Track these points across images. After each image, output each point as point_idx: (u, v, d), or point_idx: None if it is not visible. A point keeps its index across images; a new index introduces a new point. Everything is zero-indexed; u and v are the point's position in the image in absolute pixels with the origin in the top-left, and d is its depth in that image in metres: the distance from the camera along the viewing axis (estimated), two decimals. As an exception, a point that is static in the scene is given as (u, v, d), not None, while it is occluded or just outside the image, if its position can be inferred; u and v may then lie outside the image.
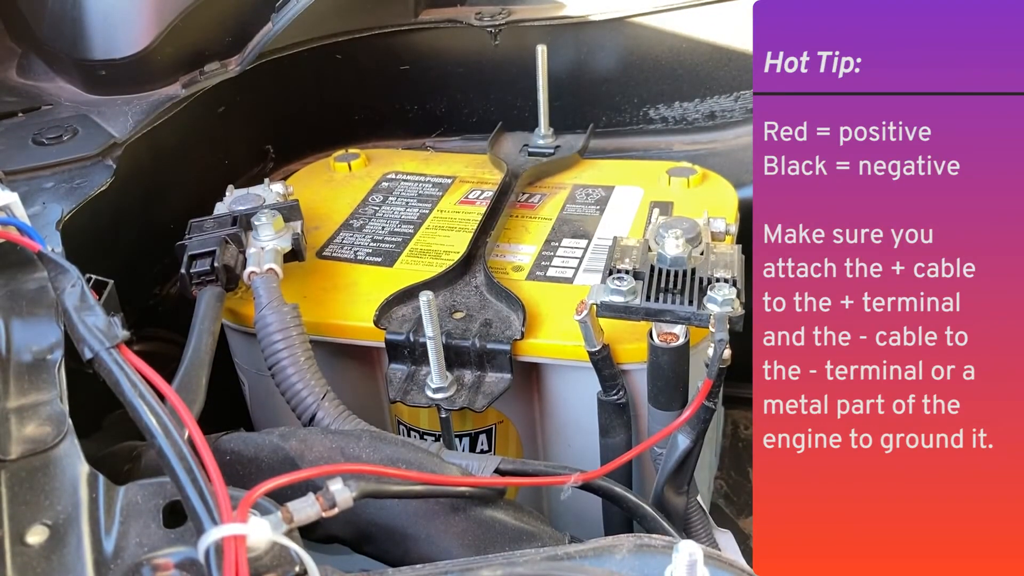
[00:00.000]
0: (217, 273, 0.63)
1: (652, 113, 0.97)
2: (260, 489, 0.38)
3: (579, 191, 0.83)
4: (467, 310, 0.68)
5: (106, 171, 0.72)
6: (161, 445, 0.41)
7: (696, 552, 0.37)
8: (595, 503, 0.65)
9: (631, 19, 0.92)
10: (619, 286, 0.58)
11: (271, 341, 0.61)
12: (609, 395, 0.63)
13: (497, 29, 0.95)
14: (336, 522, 0.44)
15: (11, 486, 0.41)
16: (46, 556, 0.39)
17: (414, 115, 1.01)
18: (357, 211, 0.83)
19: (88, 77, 0.83)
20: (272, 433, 0.53)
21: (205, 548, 0.36)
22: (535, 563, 0.39)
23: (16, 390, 0.47)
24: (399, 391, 0.64)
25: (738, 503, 0.93)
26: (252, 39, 0.88)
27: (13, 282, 0.53)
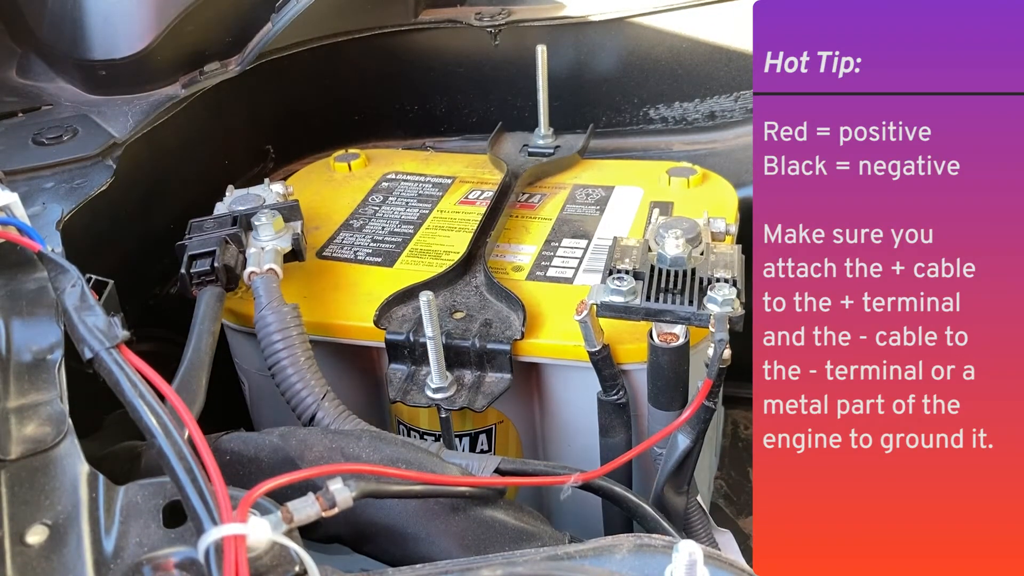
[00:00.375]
0: (217, 273, 0.63)
1: (652, 113, 0.97)
2: (260, 489, 0.38)
3: (579, 191, 0.83)
4: (467, 310, 0.68)
5: (106, 171, 0.72)
6: (161, 445, 0.41)
7: (696, 552, 0.37)
8: (595, 503, 0.65)
9: (631, 19, 0.92)
10: (619, 286, 0.58)
11: (271, 341, 0.61)
12: (609, 395, 0.63)
13: (497, 29, 0.95)
14: (336, 522, 0.44)
15: (11, 486, 0.41)
16: (46, 556, 0.39)
17: (414, 115, 1.01)
18: (357, 211, 0.83)
19: (88, 77, 0.83)
20: (272, 433, 0.53)
21: (205, 548, 0.36)
22: (535, 563, 0.39)
23: (16, 390, 0.47)
24: (399, 391, 0.64)
25: (738, 503, 0.93)
26: (252, 39, 0.88)
27: (13, 282, 0.53)
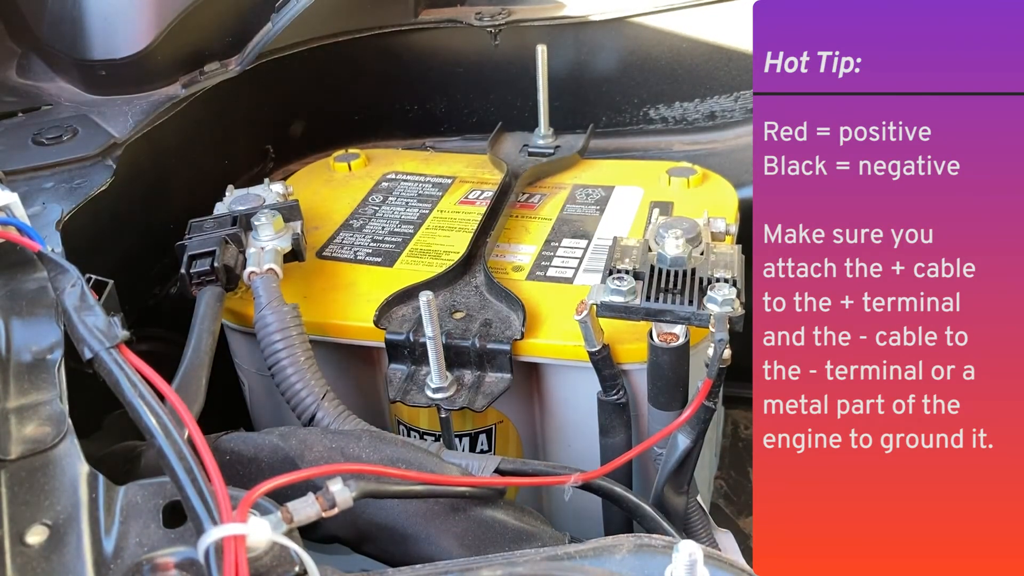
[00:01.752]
0: (217, 273, 0.63)
1: (652, 113, 0.97)
2: (260, 489, 0.38)
3: (579, 191, 0.83)
4: (467, 310, 0.68)
5: (106, 171, 0.72)
6: (161, 445, 0.41)
7: (696, 552, 0.37)
8: (595, 503, 0.65)
9: (631, 19, 0.92)
10: (619, 286, 0.58)
11: (271, 341, 0.61)
12: (609, 395, 0.63)
13: (497, 29, 0.95)
14: (336, 522, 0.44)
15: (11, 486, 0.41)
16: (46, 556, 0.39)
17: (414, 115, 1.01)
18: (357, 211, 0.83)
19: (88, 77, 0.83)
20: (272, 433, 0.53)
21: (205, 548, 0.36)
22: (535, 563, 0.39)
23: (16, 390, 0.47)
24: (399, 391, 0.64)
25: (738, 503, 0.93)
26: (252, 39, 0.88)
27: (13, 282, 0.53)
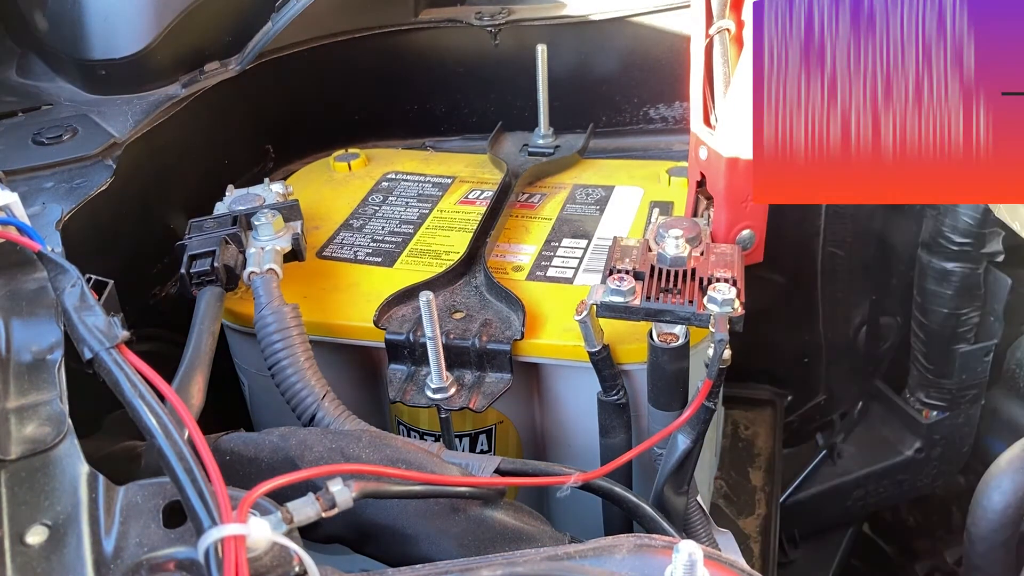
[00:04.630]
0: (217, 273, 0.63)
1: (652, 113, 0.97)
2: (260, 489, 0.38)
3: (579, 191, 0.83)
4: (467, 310, 0.68)
5: (106, 171, 0.72)
6: (161, 445, 0.41)
7: (696, 552, 0.38)
8: (595, 503, 0.65)
9: (631, 19, 0.92)
10: (619, 286, 0.58)
11: (271, 341, 0.61)
12: (609, 395, 0.63)
13: (497, 29, 0.95)
14: (336, 522, 0.43)
15: (11, 486, 0.42)
16: (46, 556, 0.39)
17: (414, 115, 1.01)
18: (357, 211, 0.83)
19: (88, 77, 0.84)
20: (272, 433, 0.53)
21: (205, 548, 0.36)
22: (535, 563, 0.40)
23: (16, 390, 0.47)
24: (399, 391, 0.64)
25: (738, 503, 0.93)
26: (252, 39, 0.88)
27: (13, 282, 0.53)
